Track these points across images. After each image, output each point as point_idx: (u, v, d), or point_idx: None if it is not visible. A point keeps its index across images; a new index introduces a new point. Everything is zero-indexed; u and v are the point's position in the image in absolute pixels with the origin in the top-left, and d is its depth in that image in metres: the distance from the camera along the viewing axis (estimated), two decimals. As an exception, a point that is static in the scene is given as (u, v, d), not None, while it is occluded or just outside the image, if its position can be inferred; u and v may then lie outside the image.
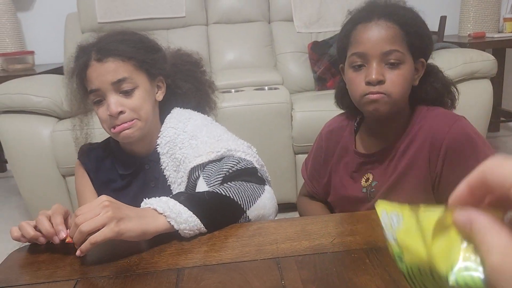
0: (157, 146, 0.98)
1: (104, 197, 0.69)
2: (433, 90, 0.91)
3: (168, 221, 0.71)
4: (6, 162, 2.58)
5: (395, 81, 0.84)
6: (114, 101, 0.90)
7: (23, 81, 1.92)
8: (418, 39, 0.86)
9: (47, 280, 0.64)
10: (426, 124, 0.87)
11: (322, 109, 1.87)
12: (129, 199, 1.00)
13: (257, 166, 0.91)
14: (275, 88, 1.95)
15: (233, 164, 0.88)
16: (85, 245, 0.65)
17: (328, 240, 0.69)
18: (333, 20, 2.46)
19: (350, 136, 0.98)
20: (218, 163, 0.90)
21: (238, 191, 0.79)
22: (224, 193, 0.78)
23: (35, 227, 0.73)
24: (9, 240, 0.76)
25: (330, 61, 2.28)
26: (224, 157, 0.91)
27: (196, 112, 1.04)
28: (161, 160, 0.98)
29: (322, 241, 0.69)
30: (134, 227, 0.68)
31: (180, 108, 1.04)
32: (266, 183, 0.86)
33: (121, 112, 0.91)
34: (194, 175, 0.93)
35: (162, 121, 1.01)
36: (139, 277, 0.63)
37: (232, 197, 0.77)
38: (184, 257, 0.67)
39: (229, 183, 0.82)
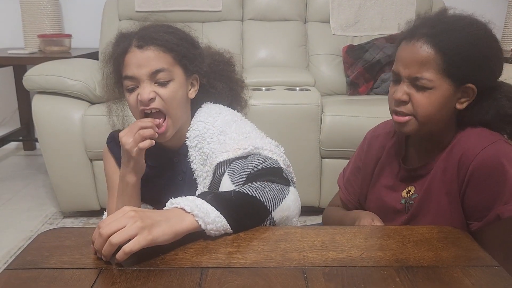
0: (186, 140, 0.98)
1: (127, 208, 0.68)
2: (484, 115, 0.85)
3: (196, 220, 0.69)
4: (37, 140, 2.65)
5: (421, 103, 0.82)
6: (148, 90, 0.90)
7: (59, 64, 1.95)
8: (464, 65, 0.80)
9: (71, 266, 0.64)
10: (461, 140, 0.84)
11: (353, 114, 1.83)
12: (156, 190, 1.01)
13: (283, 166, 0.90)
14: (306, 90, 1.92)
15: (258, 162, 0.87)
16: (120, 256, 0.63)
17: (357, 253, 0.67)
18: (371, 25, 2.41)
19: (398, 146, 0.96)
20: (244, 160, 0.90)
21: (264, 192, 0.77)
22: (250, 193, 0.76)
23: None
24: (35, 217, 0.77)
25: (364, 66, 2.24)
26: (250, 155, 0.90)
27: (226, 108, 1.04)
28: (189, 153, 0.98)
29: (350, 253, 0.67)
30: (166, 230, 0.67)
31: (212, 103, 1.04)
32: (291, 184, 0.85)
33: (151, 100, 0.90)
34: (220, 170, 0.92)
35: (193, 116, 1.01)
36: (162, 272, 0.63)
37: (258, 197, 0.76)
38: (208, 256, 0.66)
39: (254, 183, 0.80)
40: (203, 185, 0.96)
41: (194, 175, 0.98)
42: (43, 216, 2.02)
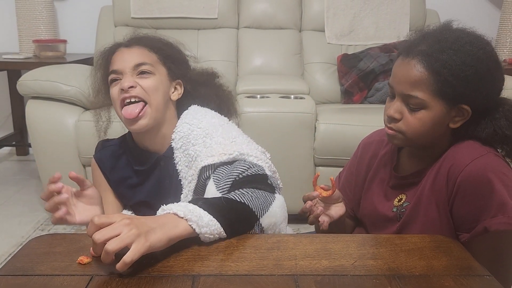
0: (172, 141, 0.99)
1: (120, 215, 0.67)
2: (480, 132, 0.83)
3: (190, 225, 0.69)
4: (30, 146, 2.63)
5: (410, 123, 0.83)
6: (129, 79, 0.94)
7: (53, 69, 1.95)
8: (458, 87, 0.79)
9: (62, 273, 0.63)
10: (452, 152, 0.84)
11: (347, 122, 1.84)
12: (143, 195, 1.02)
13: (268, 172, 0.90)
14: (301, 98, 1.93)
15: (243, 169, 0.87)
16: (120, 266, 0.62)
17: (349, 261, 0.67)
18: (365, 34, 2.43)
19: (392, 153, 0.96)
20: (229, 166, 0.90)
21: (251, 198, 0.78)
22: (239, 200, 0.77)
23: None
24: (27, 223, 0.76)
25: (358, 75, 2.25)
26: (236, 160, 0.91)
27: (213, 111, 1.05)
28: (175, 155, 0.98)
29: (343, 262, 0.67)
30: (161, 236, 0.66)
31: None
32: (276, 190, 0.86)
33: (132, 87, 0.93)
34: (205, 174, 0.92)
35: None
36: (153, 279, 0.62)
37: (247, 203, 0.77)
38: (200, 264, 0.66)
39: (241, 190, 0.81)
40: (188, 189, 0.96)
41: (180, 176, 0.98)
42: (35, 222, 2.00)
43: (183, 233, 0.69)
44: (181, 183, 0.97)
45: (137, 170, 1.02)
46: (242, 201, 0.77)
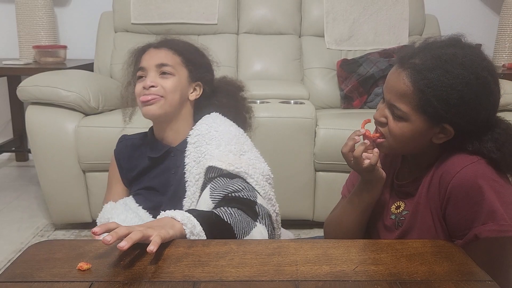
0: (188, 137, 1.08)
1: (133, 227, 0.72)
2: (467, 146, 0.82)
3: (184, 229, 0.76)
4: (29, 151, 2.63)
5: (393, 131, 0.84)
6: (151, 78, 1.06)
7: (53, 75, 1.95)
8: (441, 108, 0.78)
9: (62, 279, 0.63)
10: (444, 159, 0.84)
11: (347, 127, 1.84)
12: (150, 181, 1.12)
13: (260, 200, 0.96)
14: (301, 103, 1.93)
15: (238, 188, 0.94)
16: (153, 245, 0.66)
17: (350, 267, 0.67)
18: (364, 39, 2.44)
19: (393, 159, 0.96)
20: (228, 179, 0.96)
21: (236, 221, 0.86)
22: (226, 220, 0.84)
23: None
24: (26, 229, 0.77)
25: (358, 80, 2.25)
26: (237, 177, 0.97)
27: (232, 122, 1.14)
28: (187, 149, 1.06)
29: (344, 267, 0.66)
30: (165, 234, 0.72)
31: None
32: (258, 219, 0.91)
33: (152, 86, 1.05)
34: (210, 174, 0.99)
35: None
36: (153, 285, 0.62)
37: (232, 225, 0.84)
38: (200, 270, 0.66)
39: (229, 208, 0.87)
40: (195, 187, 1.02)
41: (185, 169, 1.05)
42: (35, 228, 2.00)
43: (177, 235, 0.76)
44: (185, 176, 1.04)
45: (150, 157, 1.13)
46: (229, 222, 0.84)
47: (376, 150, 0.88)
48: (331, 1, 2.46)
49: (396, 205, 0.92)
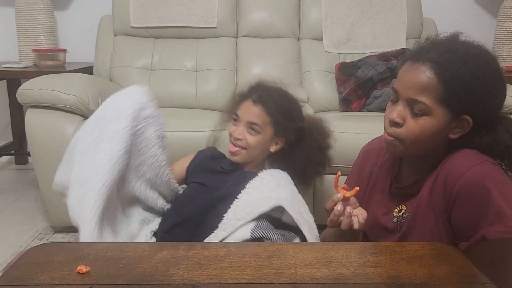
0: (259, 172, 1.19)
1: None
2: (479, 140, 0.84)
3: None
4: (29, 154, 2.63)
5: (411, 129, 0.83)
6: (240, 131, 1.19)
7: (53, 78, 1.95)
8: (464, 98, 0.80)
9: (61, 282, 0.63)
10: (449, 160, 0.84)
11: (346, 130, 1.84)
12: (205, 179, 1.24)
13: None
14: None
15: (259, 232, 0.98)
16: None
17: (349, 269, 0.67)
18: (363, 43, 2.45)
19: (392, 162, 0.96)
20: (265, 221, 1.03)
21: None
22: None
23: None
24: (26, 232, 0.76)
25: (357, 83, 2.26)
26: (293, 229, 1.04)
27: (293, 185, 1.24)
28: (250, 183, 1.15)
29: (343, 270, 0.67)
30: None
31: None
32: None
33: (238, 139, 1.18)
34: (275, 213, 1.06)
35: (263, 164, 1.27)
36: (153, 288, 0.62)
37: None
38: (200, 273, 0.66)
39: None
40: (245, 211, 1.06)
41: (237, 196, 1.12)
42: (34, 231, 1.99)
43: None
44: (231, 199, 1.12)
45: (221, 167, 1.25)
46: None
47: (362, 216, 0.90)
48: (329, 5, 2.47)
49: (399, 208, 0.92)
